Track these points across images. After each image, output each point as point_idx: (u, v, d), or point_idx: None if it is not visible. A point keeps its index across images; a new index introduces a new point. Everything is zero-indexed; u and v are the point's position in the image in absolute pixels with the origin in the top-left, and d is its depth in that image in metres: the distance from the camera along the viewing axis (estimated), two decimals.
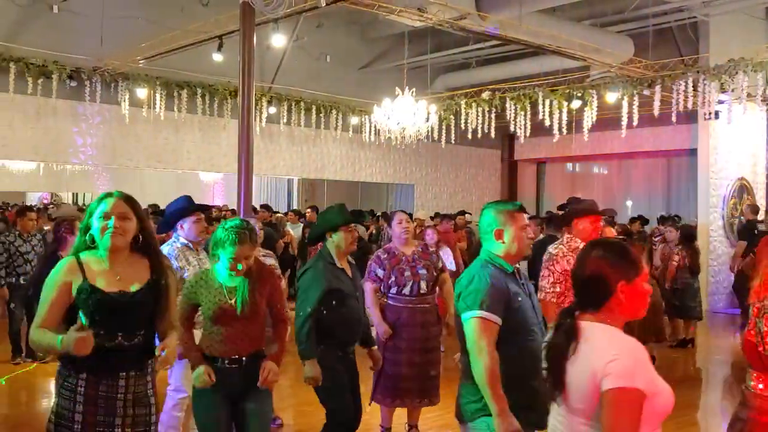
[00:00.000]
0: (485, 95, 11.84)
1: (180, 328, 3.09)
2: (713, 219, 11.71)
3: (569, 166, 17.96)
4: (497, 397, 2.58)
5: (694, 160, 12.19)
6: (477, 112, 11.94)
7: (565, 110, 10.79)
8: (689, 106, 9.57)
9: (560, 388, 2.02)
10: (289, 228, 11.70)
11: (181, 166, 12.32)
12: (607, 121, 11.24)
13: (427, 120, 10.11)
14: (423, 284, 4.77)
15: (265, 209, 11.79)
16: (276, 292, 3.44)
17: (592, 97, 10.46)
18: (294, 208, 15.35)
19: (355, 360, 4.13)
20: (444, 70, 14.71)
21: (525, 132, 11.53)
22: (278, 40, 10.56)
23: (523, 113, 11.40)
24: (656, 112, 9.65)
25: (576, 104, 10.77)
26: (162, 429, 3.89)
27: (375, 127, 11.25)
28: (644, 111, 10.03)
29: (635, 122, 9.95)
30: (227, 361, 3.26)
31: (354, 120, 13.48)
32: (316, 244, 4.92)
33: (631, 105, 9.99)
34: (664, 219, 12.11)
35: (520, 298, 2.78)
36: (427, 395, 4.78)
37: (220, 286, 3.29)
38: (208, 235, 4.27)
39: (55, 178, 16.93)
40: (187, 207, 4.47)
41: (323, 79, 13.28)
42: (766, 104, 11.15)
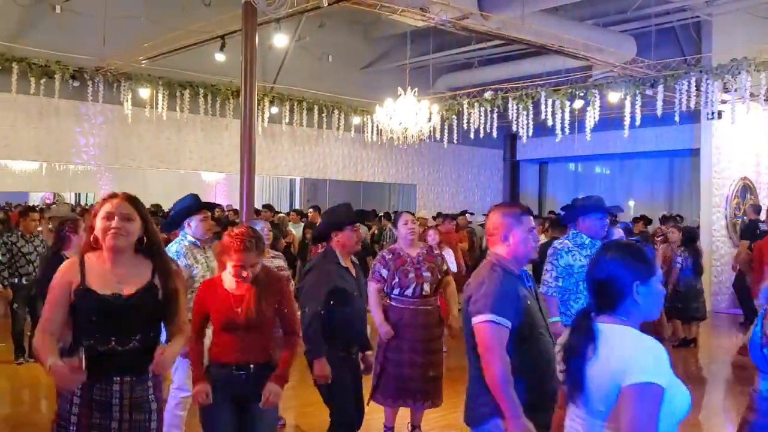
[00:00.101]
0: (487, 95, 11.82)
1: (192, 335, 3.08)
2: (716, 219, 11.68)
3: (571, 166, 17.96)
4: (510, 400, 2.56)
5: (697, 159, 12.17)
6: (479, 112, 11.93)
7: (567, 110, 10.76)
8: (692, 105, 9.53)
9: (579, 390, 2.03)
10: (291, 228, 11.70)
11: (184, 166, 12.32)
12: (610, 121, 11.22)
13: (430, 120, 10.11)
14: (426, 286, 4.75)
15: (267, 209, 11.79)
16: (285, 299, 3.39)
17: (595, 97, 10.44)
18: (296, 208, 15.32)
19: (358, 360, 4.13)
20: (446, 70, 14.70)
21: (527, 132, 11.53)
22: (280, 40, 10.54)
23: (525, 113, 11.39)
24: (659, 112, 9.62)
25: (578, 104, 10.76)
26: (164, 428, 3.89)
27: (377, 127, 11.23)
28: (647, 111, 10.01)
29: (638, 122, 9.93)
30: (234, 368, 3.25)
31: (356, 120, 13.48)
32: (319, 243, 4.92)
33: (633, 105, 9.97)
34: (666, 219, 12.09)
35: (528, 301, 2.77)
36: (430, 397, 4.76)
37: (227, 294, 3.28)
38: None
39: (57, 179, 16.89)
40: (193, 205, 4.51)
41: (325, 79, 13.27)
42: None
